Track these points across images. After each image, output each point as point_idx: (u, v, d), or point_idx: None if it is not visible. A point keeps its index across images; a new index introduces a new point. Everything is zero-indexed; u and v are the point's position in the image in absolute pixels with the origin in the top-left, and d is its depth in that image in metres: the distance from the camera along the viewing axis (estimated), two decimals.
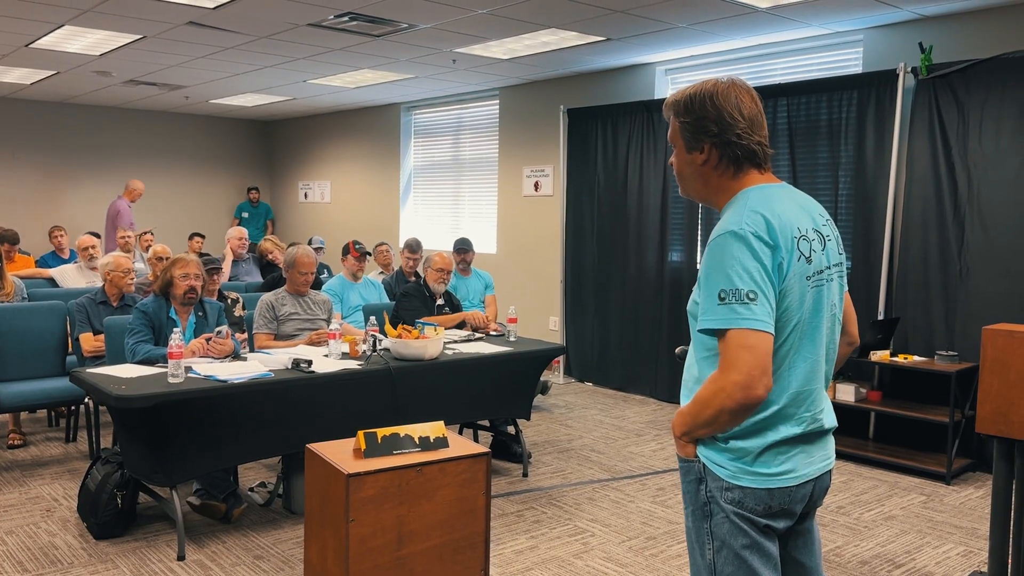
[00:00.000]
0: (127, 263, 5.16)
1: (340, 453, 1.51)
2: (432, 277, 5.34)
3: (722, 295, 1.63)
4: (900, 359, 5.11)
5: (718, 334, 1.64)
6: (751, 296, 1.61)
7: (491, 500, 4.38)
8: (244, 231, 7.82)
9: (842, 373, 5.48)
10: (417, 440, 1.56)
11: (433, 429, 1.58)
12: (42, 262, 7.47)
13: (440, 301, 5.38)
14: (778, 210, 1.71)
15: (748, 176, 1.79)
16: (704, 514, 1.77)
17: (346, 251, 5.98)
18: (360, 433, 1.50)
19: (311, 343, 4.66)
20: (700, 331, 1.70)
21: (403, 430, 1.55)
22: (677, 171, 1.85)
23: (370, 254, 6.32)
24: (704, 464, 1.76)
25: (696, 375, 1.79)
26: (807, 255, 1.72)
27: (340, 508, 1.42)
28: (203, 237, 9.42)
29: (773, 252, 1.66)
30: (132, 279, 5.16)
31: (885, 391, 5.39)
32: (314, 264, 4.92)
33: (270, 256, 7.55)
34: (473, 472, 1.53)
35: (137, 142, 11.14)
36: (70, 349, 5.19)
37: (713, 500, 1.75)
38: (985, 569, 3.61)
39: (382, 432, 1.53)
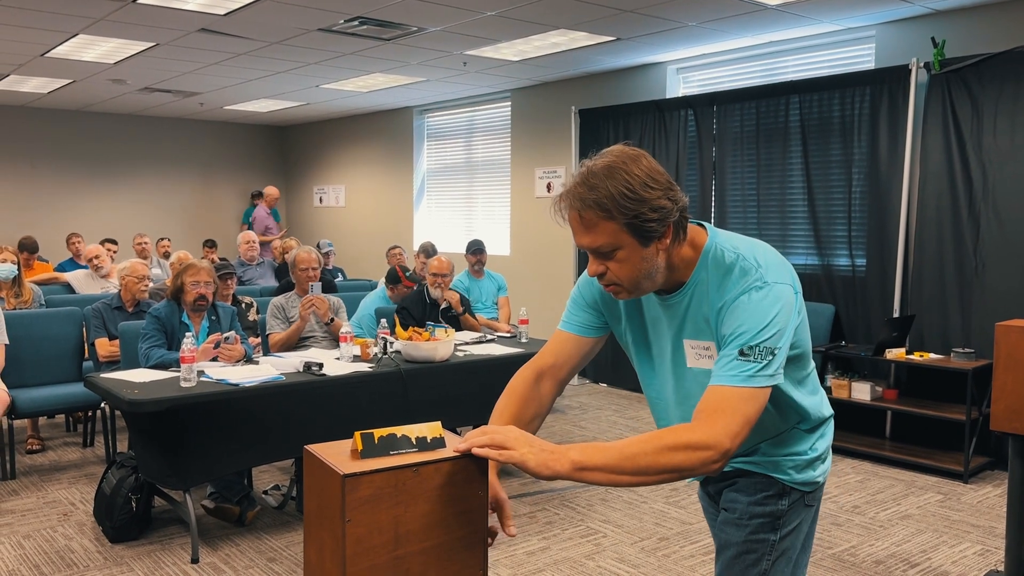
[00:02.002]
0: (143, 269, 5.20)
1: (337, 454, 1.51)
2: (430, 282, 5.24)
3: (757, 351, 1.49)
4: (916, 357, 5.06)
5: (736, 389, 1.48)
6: (775, 352, 1.49)
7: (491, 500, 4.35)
8: (252, 235, 7.87)
9: (857, 371, 5.43)
10: (414, 440, 1.55)
11: (430, 429, 1.58)
12: (60, 269, 7.56)
13: (444, 305, 5.26)
14: (762, 250, 1.61)
15: (691, 232, 1.61)
16: (774, 526, 1.69)
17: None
18: (357, 434, 1.50)
19: (304, 309, 4.68)
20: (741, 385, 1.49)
21: (400, 430, 1.55)
22: (630, 274, 1.55)
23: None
24: (787, 482, 1.70)
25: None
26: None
27: (337, 508, 1.42)
28: (215, 246, 9.49)
29: (796, 295, 1.58)
30: (145, 286, 5.20)
31: (901, 389, 5.33)
32: (314, 260, 4.94)
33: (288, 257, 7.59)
34: (471, 472, 1.52)
35: (153, 149, 11.25)
36: (86, 355, 5.24)
37: (793, 509, 1.69)
38: (1002, 568, 3.57)
39: (379, 433, 1.52)
